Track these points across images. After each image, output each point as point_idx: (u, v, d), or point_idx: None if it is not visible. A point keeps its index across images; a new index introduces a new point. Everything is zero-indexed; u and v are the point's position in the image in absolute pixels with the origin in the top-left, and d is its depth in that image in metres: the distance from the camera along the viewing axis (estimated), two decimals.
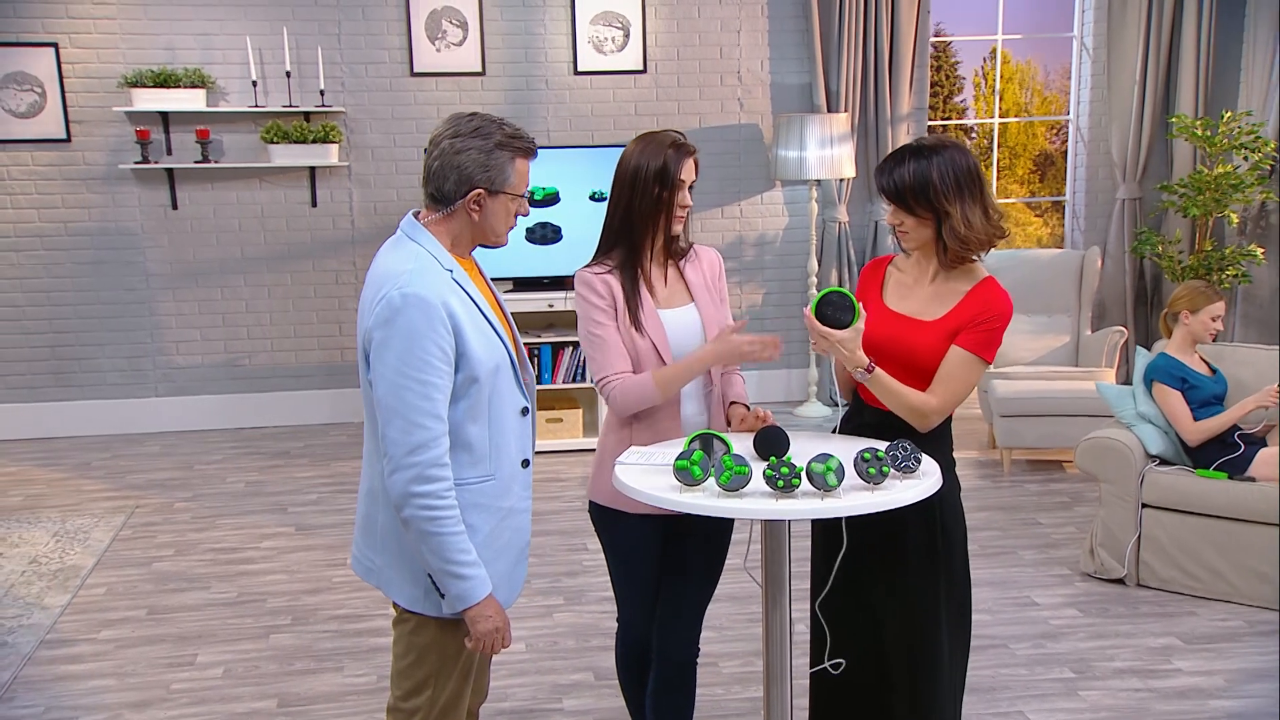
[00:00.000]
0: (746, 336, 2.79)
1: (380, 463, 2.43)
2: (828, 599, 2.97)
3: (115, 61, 7.09)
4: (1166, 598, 4.63)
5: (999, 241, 2.76)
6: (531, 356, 6.74)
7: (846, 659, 2.95)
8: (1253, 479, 4.51)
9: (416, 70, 7.31)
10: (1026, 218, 10.68)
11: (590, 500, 2.98)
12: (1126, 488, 4.71)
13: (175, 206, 7.28)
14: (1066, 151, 8.70)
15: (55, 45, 7.04)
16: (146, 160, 7.10)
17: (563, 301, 6.72)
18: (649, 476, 2.58)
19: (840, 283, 7.66)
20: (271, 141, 7.09)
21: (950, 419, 2.88)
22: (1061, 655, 4.16)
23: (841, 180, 7.54)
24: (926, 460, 2.62)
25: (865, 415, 2.91)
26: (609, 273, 2.87)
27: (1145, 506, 4.69)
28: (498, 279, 6.80)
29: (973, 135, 10.36)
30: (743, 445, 2.74)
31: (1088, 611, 4.52)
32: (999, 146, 10.11)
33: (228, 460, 6.79)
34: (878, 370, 2.72)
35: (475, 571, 2.40)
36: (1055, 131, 9.92)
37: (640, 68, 7.50)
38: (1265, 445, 4.61)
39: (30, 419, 7.33)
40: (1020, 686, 3.94)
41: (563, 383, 6.77)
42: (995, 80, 8.87)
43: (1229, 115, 7.22)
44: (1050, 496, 5.90)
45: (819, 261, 7.69)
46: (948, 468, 2.82)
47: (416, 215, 2.52)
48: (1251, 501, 4.46)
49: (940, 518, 2.80)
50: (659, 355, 2.84)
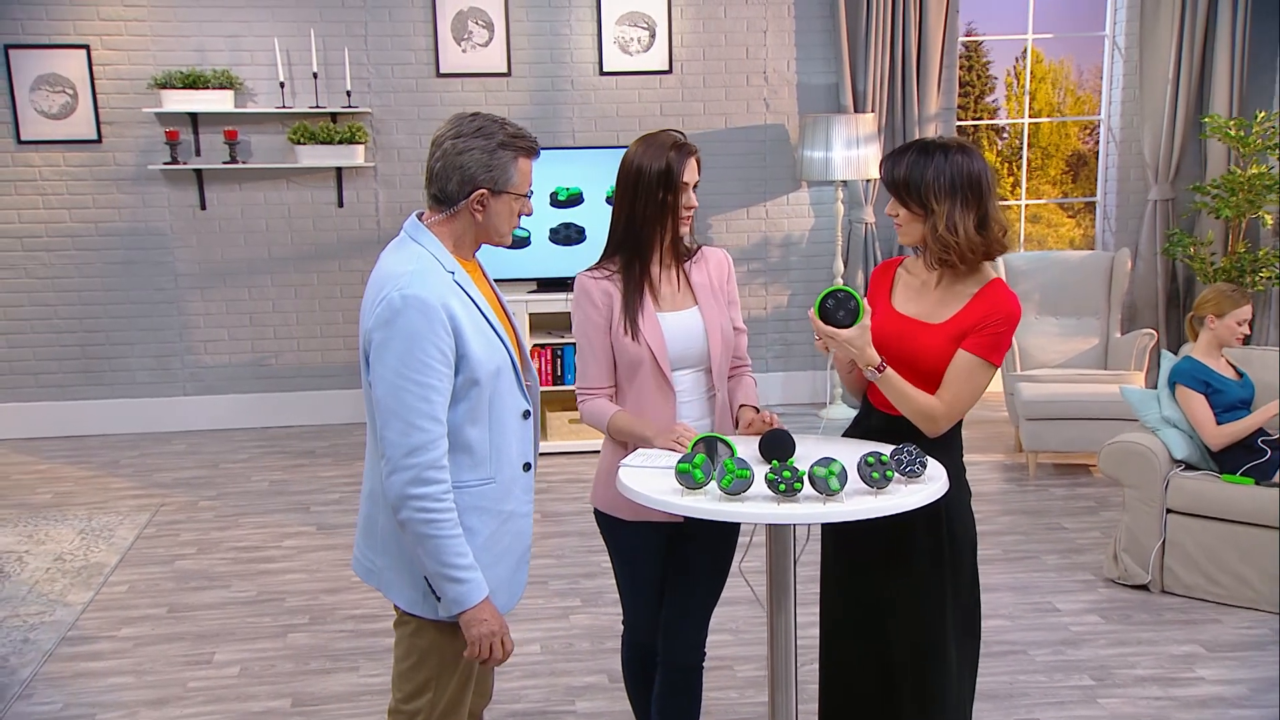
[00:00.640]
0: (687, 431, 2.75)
1: (372, 462, 2.43)
2: (834, 605, 2.95)
3: (145, 63, 7.16)
4: (1190, 604, 4.57)
5: (996, 255, 2.72)
6: (555, 357, 6.74)
7: (853, 665, 2.93)
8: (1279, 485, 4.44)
9: (442, 71, 7.33)
10: (1059, 219, 10.58)
11: (594, 508, 2.97)
12: (1151, 493, 4.65)
13: (204, 207, 7.34)
14: (1098, 152, 8.60)
15: (87, 47, 7.12)
16: (175, 161, 7.16)
17: None
18: (652, 480, 2.57)
19: (866, 284, 7.62)
20: (298, 142, 7.13)
21: (960, 424, 2.85)
22: (1081, 662, 4.11)
23: (868, 181, 7.49)
24: (932, 465, 2.60)
25: (873, 419, 2.88)
26: (609, 278, 2.86)
27: (1170, 512, 4.63)
28: (521, 280, 6.86)
29: (1004, 135, 10.28)
30: (750, 448, 2.72)
31: (1110, 618, 4.46)
32: (1032, 147, 10.03)
33: (253, 459, 6.84)
34: (889, 370, 2.69)
35: (471, 575, 2.39)
36: (1088, 132, 9.82)
37: (666, 68, 7.48)
38: None
39: (61, 417, 7.41)
40: (1039, 693, 3.89)
41: None
42: (1025, 80, 8.78)
43: (1263, 115, 7.11)
44: (1076, 501, 5.83)
45: (845, 263, 7.64)
46: (956, 473, 2.78)
47: (420, 217, 2.52)
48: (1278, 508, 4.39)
49: (947, 523, 2.77)
50: (655, 361, 2.82)
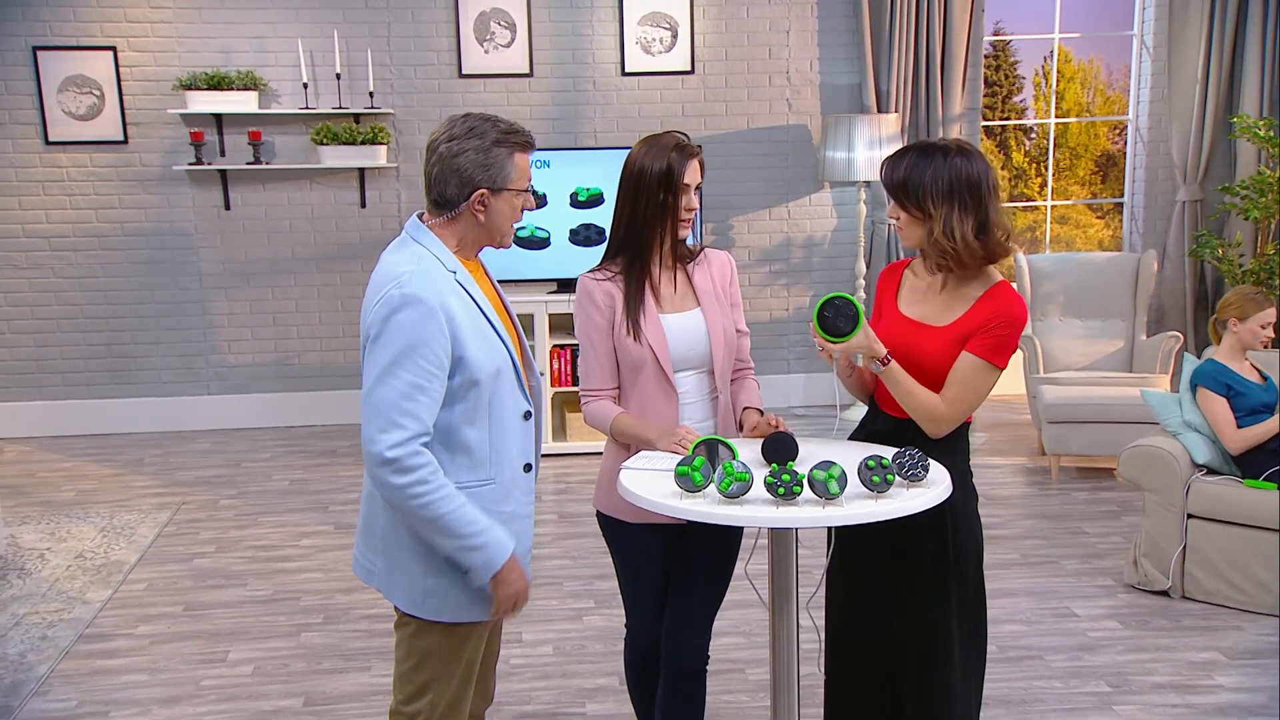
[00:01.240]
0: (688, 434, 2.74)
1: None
2: (839, 607, 2.93)
3: (171, 64, 7.21)
4: (1211, 611, 4.50)
5: (998, 259, 2.69)
6: (574, 358, 6.73)
7: (858, 670, 2.91)
8: None
9: (465, 72, 7.35)
10: (1087, 219, 10.48)
11: (597, 510, 2.96)
12: (1171, 497, 4.59)
13: (228, 207, 7.38)
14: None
15: (114, 49, 7.18)
16: (200, 162, 7.21)
17: None
18: (653, 482, 2.55)
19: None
20: (321, 143, 7.16)
21: (966, 427, 2.82)
22: (1098, 668, 4.06)
23: None
24: (935, 468, 2.57)
25: (878, 422, 2.86)
26: (611, 279, 2.85)
27: (1191, 517, 4.57)
28: (541, 280, 6.85)
29: (1031, 135, 10.19)
30: (754, 451, 2.70)
31: (1128, 624, 4.41)
32: (1060, 147, 9.93)
33: (275, 458, 6.87)
34: (894, 364, 2.67)
35: (489, 537, 2.41)
36: (1118, 132, 9.72)
37: (688, 68, 7.47)
38: None
39: (87, 416, 7.48)
40: (1053, 699, 3.85)
41: None
42: (1053, 79, 8.70)
43: None
44: (1098, 505, 5.77)
45: (867, 264, 7.60)
46: (962, 476, 2.76)
47: (420, 217, 2.52)
48: None
49: (952, 527, 2.74)
50: (657, 362, 2.81)
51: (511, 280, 6.91)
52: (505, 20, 7.31)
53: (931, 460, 2.59)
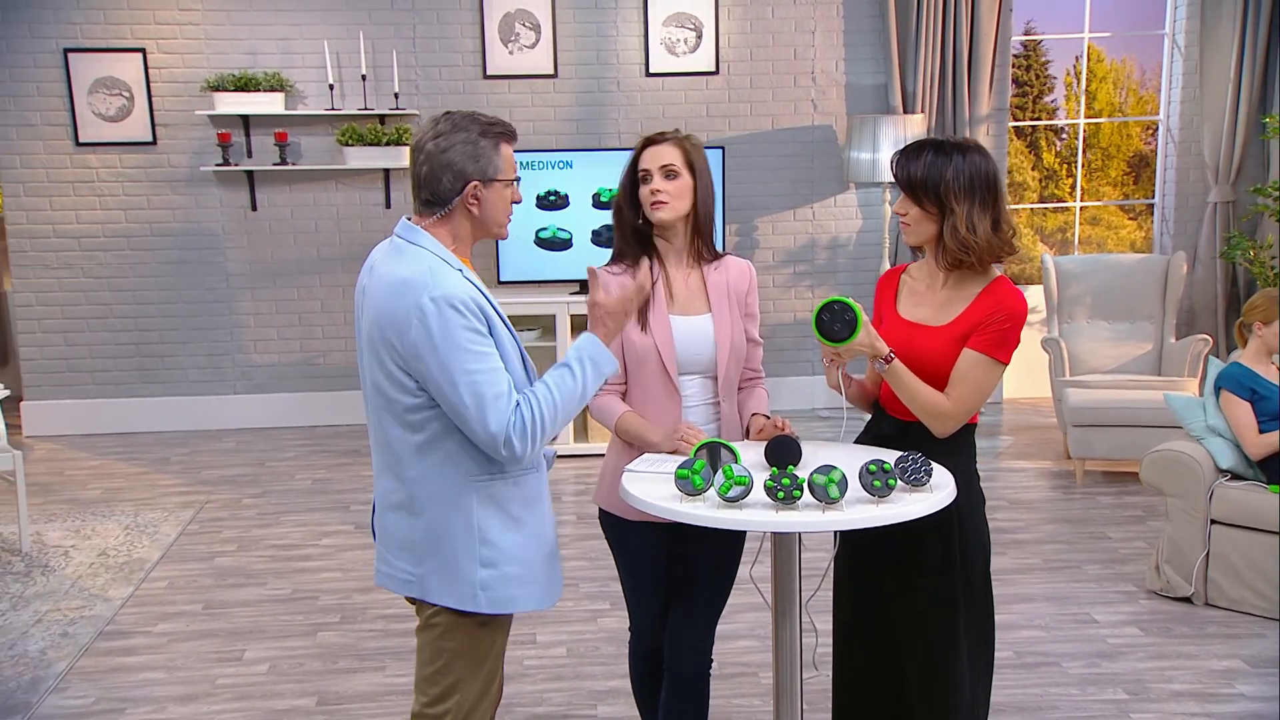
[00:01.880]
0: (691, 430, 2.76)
1: (395, 474, 2.46)
2: (845, 610, 2.91)
3: (199, 66, 7.27)
4: (1235, 618, 4.44)
5: (1006, 257, 2.67)
6: None
7: (864, 673, 2.89)
8: None
9: (489, 73, 7.36)
10: (1119, 221, 10.37)
11: (599, 507, 2.96)
12: (1194, 503, 4.53)
13: (254, 208, 7.43)
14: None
15: (143, 51, 7.25)
16: (227, 163, 7.27)
17: None
18: (653, 485, 2.54)
19: None
20: (347, 144, 7.20)
21: (971, 428, 2.79)
22: (1116, 675, 4.01)
23: None
24: (938, 473, 2.54)
25: (884, 425, 2.84)
26: (625, 272, 2.88)
27: (1214, 523, 4.51)
28: (563, 281, 6.85)
29: (1063, 136, 10.09)
30: (759, 455, 2.68)
31: (1149, 631, 4.35)
32: (1093, 147, 9.84)
33: (299, 458, 6.91)
34: (896, 362, 2.66)
35: (581, 366, 2.48)
36: (1151, 132, 9.61)
37: (713, 69, 7.45)
38: None
39: (116, 414, 7.55)
40: (1069, 706, 3.80)
41: None
42: (1083, 79, 8.62)
43: None
44: (1122, 510, 5.70)
45: (892, 265, 7.55)
46: (968, 478, 2.73)
47: (409, 220, 2.50)
48: None
49: (958, 531, 2.72)
50: (660, 357, 2.81)
51: (533, 281, 6.93)
52: (530, 21, 7.32)
53: (935, 465, 2.56)
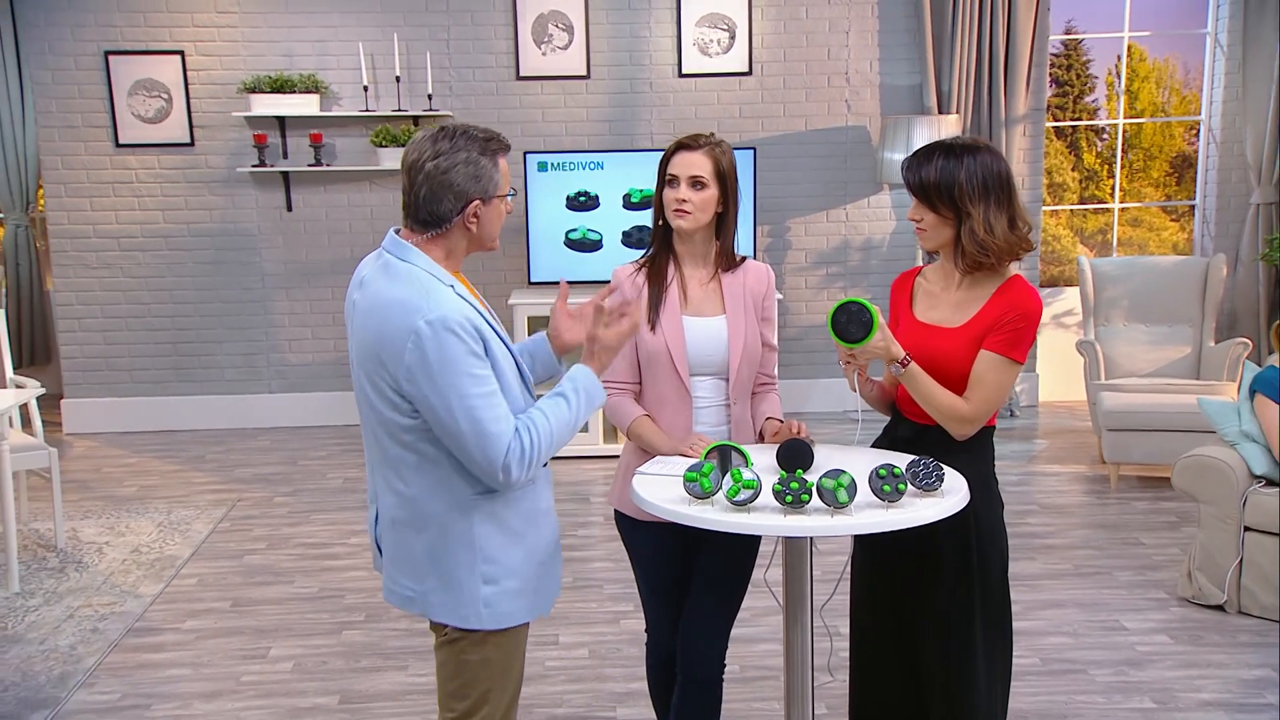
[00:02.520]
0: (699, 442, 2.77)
1: (394, 490, 2.45)
2: (862, 614, 2.89)
3: (236, 68, 7.34)
4: (1268, 627, 4.36)
5: (1022, 254, 2.65)
6: None
7: (881, 681, 2.87)
8: None
9: (522, 74, 7.38)
10: (1161, 222, 10.23)
11: (614, 508, 2.95)
12: (1227, 509, 4.46)
13: (290, 208, 7.49)
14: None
15: (181, 53, 7.32)
16: (263, 164, 7.33)
17: None
18: (663, 488, 2.53)
19: None
20: (381, 145, 7.24)
21: (990, 431, 2.76)
22: (1144, 684, 3.95)
23: None
24: (951, 478, 2.51)
25: (901, 428, 2.82)
26: (641, 270, 2.89)
27: (1248, 529, 4.43)
28: (594, 283, 6.84)
29: (1104, 136, 9.97)
30: (770, 459, 2.67)
31: (1179, 639, 4.29)
32: (1134, 148, 9.71)
33: (331, 456, 6.96)
34: (913, 365, 2.63)
35: (577, 398, 2.48)
36: (1194, 133, 9.48)
37: (746, 70, 7.42)
38: None
39: (153, 412, 7.64)
40: (1095, 714, 3.75)
41: None
42: (1122, 79, 8.51)
43: None
44: (1157, 515, 5.62)
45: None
46: (986, 482, 2.70)
47: (397, 233, 2.48)
48: None
49: (975, 536, 2.69)
50: (671, 358, 2.80)
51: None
52: (563, 22, 7.33)
53: (948, 469, 2.53)
